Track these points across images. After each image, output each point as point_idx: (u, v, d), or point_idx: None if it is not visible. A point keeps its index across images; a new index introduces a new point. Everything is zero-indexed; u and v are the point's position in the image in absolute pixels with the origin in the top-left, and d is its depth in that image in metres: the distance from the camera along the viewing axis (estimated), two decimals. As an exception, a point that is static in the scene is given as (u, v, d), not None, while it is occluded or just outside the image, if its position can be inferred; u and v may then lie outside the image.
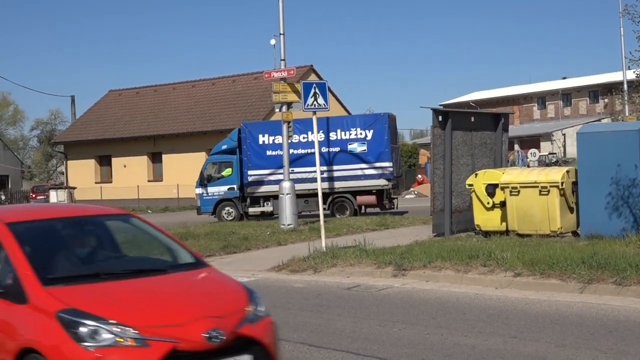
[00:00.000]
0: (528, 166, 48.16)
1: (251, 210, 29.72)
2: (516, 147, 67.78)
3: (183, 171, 46.56)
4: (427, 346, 8.36)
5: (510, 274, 12.08)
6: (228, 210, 30.14)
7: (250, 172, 29.31)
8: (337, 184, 28.71)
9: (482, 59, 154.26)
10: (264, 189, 29.19)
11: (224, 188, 30.20)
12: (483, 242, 15.24)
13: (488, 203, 16.93)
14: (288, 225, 22.35)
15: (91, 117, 57.50)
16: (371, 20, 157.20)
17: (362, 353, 8.15)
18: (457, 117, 19.29)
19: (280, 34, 23.67)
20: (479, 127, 19.57)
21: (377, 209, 29.51)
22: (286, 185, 22.92)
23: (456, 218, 18.47)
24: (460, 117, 19.71)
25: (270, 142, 29.20)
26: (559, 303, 10.48)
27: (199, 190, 30.68)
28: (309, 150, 27.83)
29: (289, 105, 23.25)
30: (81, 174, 54.39)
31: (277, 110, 24.60)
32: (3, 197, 66.31)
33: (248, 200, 29.70)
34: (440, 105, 78.83)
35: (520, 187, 16.22)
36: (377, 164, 28.73)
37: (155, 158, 51.91)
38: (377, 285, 12.71)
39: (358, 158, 28.85)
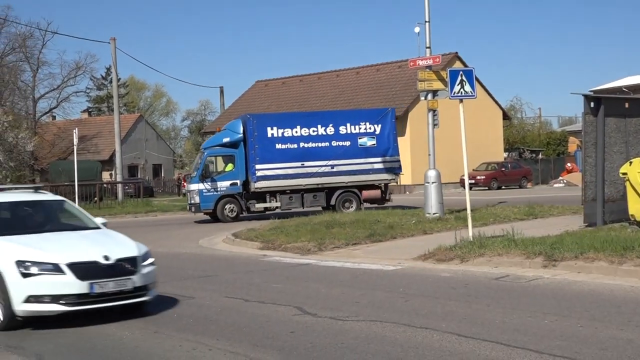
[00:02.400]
0: (686, 154, 45.91)
1: (256, 206, 28.44)
2: (673, 133, 64.73)
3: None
4: (580, 339, 8.14)
5: (668, 267, 11.58)
6: (231, 207, 28.29)
7: (258, 167, 27.90)
8: (346, 178, 28.54)
9: (636, 42, 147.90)
10: (273, 183, 28.04)
11: (226, 183, 28.30)
12: (638, 232, 14.67)
13: (644, 192, 16.24)
14: (434, 214, 22.19)
15: (239, 107, 59.08)
16: (516, 6, 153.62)
17: (512, 344, 8.02)
18: (610, 103, 18.60)
19: (425, 21, 23.52)
20: (634, 114, 18.78)
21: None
22: (431, 174, 22.74)
23: (609, 208, 17.85)
24: (614, 103, 18.99)
25: (280, 135, 28.24)
26: None
27: (198, 186, 28.39)
28: (311, 144, 28.29)
29: (435, 93, 23.06)
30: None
31: (422, 98, 24.43)
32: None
33: (253, 196, 28.41)
34: (591, 91, 75.95)
35: (679, 175, 15.48)
36: (386, 158, 28.77)
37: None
38: (527, 275, 12.47)
39: (368, 152, 28.62)
